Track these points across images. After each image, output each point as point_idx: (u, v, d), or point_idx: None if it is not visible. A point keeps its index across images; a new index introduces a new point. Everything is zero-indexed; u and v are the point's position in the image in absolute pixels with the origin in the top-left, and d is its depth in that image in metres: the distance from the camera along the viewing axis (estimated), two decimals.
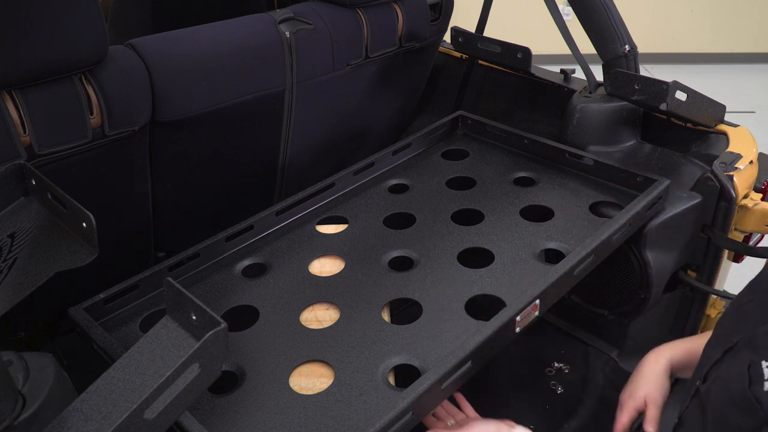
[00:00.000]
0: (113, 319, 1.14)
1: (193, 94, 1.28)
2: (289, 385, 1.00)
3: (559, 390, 1.53)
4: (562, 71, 1.77)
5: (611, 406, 1.14)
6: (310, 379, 1.02)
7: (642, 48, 1.65)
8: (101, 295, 1.12)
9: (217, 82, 1.32)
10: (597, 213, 1.35)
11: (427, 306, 1.13)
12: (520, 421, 1.47)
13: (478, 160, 1.56)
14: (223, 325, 0.67)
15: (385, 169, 1.53)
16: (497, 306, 1.07)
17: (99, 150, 1.18)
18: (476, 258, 1.24)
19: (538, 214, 1.35)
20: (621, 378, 1.54)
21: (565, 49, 1.65)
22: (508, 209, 1.36)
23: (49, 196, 0.90)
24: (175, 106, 1.26)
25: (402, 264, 1.25)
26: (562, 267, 1.13)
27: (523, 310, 1.04)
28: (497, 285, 1.16)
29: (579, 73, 1.71)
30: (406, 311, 1.19)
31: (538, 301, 1.07)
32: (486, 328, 1.00)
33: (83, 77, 1.12)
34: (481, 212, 1.36)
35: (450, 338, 1.05)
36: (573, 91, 1.68)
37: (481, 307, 1.13)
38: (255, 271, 1.27)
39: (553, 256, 1.24)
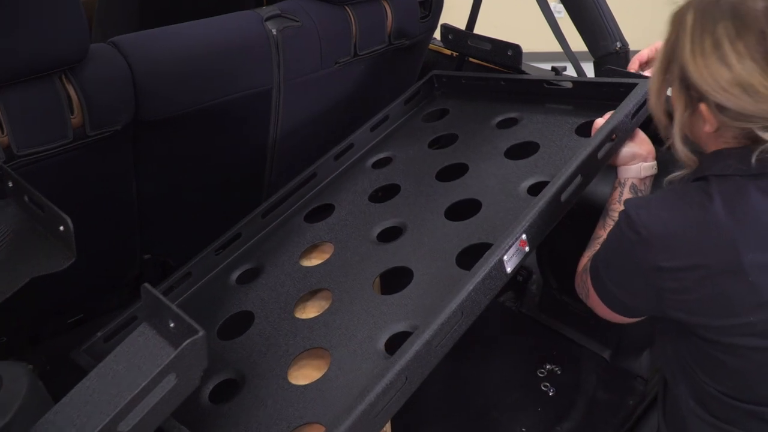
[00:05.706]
0: None
1: (178, 92, 1.26)
2: (287, 379, 0.99)
3: (551, 392, 1.51)
4: (553, 68, 1.75)
5: (603, 407, 1.12)
6: (308, 369, 1.02)
7: (642, 48, 1.63)
8: (99, 334, 1.11)
9: (203, 80, 1.29)
10: (585, 135, 1.24)
11: (418, 270, 1.09)
12: (511, 424, 1.46)
13: (459, 115, 1.50)
14: (201, 333, 0.65)
15: (366, 148, 1.49)
16: None
17: (81, 150, 1.16)
18: (465, 210, 1.18)
19: (525, 151, 1.27)
20: (613, 379, 1.53)
21: (557, 47, 1.64)
22: (491, 153, 1.30)
23: (26, 199, 0.88)
24: (159, 104, 1.24)
25: (391, 234, 1.21)
26: (547, 193, 1.04)
27: (510, 248, 0.97)
28: (487, 231, 1.10)
29: (570, 71, 1.69)
30: (401, 281, 1.12)
31: (524, 236, 0.99)
32: (473, 277, 0.93)
33: (63, 76, 1.10)
34: (465, 164, 1.31)
35: (443, 296, 0.97)
36: None
37: (476, 258, 1.02)
38: (248, 276, 1.26)
39: (541, 190, 1.14)
